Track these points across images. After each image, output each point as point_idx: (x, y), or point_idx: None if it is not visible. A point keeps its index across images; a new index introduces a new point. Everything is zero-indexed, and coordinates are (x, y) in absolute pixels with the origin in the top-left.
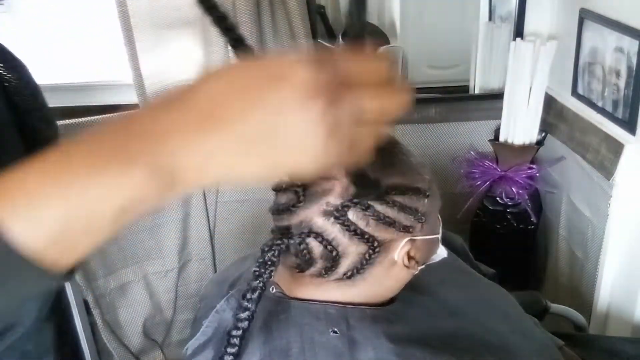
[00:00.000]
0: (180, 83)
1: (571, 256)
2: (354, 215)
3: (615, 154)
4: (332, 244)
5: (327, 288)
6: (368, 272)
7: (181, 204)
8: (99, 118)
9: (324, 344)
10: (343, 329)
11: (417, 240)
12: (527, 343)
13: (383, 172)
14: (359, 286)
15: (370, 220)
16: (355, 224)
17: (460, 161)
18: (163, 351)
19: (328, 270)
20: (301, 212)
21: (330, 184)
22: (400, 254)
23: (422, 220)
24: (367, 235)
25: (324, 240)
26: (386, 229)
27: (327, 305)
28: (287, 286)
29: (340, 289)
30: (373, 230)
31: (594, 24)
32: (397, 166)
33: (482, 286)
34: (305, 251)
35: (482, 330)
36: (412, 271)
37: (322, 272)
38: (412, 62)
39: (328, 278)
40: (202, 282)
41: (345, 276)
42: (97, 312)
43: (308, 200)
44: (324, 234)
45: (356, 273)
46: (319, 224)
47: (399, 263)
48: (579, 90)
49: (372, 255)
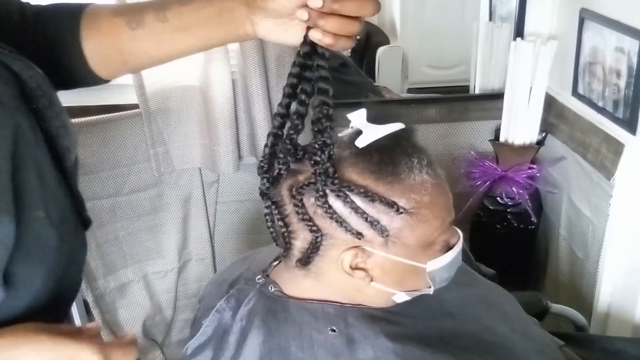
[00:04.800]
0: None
1: (571, 256)
2: (307, 199)
3: (616, 154)
4: (285, 220)
5: (318, 284)
6: (320, 263)
7: (181, 204)
8: (99, 118)
9: (323, 343)
10: (341, 327)
11: (375, 254)
12: (527, 342)
13: (360, 168)
14: (325, 281)
15: (318, 209)
16: (305, 207)
17: (461, 161)
18: (163, 351)
19: (286, 251)
20: (282, 183)
21: (308, 165)
22: (342, 257)
23: (383, 234)
24: (311, 223)
25: (280, 214)
26: (332, 224)
27: (325, 304)
28: (286, 284)
29: (312, 283)
30: (319, 220)
31: (594, 24)
32: (383, 171)
33: (481, 286)
34: (267, 217)
35: (482, 329)
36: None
37: (283, 251)
38: (412, 62)
39: (290, 263)
40: (202, 282)
41: (299, 261)
42: (97, 312)
43: (289, 174)
44: (281, 208)
45: (307, 259)
46: (283, 198)
47: (344, 267)
48: (579, 90)
49: (316, 245)
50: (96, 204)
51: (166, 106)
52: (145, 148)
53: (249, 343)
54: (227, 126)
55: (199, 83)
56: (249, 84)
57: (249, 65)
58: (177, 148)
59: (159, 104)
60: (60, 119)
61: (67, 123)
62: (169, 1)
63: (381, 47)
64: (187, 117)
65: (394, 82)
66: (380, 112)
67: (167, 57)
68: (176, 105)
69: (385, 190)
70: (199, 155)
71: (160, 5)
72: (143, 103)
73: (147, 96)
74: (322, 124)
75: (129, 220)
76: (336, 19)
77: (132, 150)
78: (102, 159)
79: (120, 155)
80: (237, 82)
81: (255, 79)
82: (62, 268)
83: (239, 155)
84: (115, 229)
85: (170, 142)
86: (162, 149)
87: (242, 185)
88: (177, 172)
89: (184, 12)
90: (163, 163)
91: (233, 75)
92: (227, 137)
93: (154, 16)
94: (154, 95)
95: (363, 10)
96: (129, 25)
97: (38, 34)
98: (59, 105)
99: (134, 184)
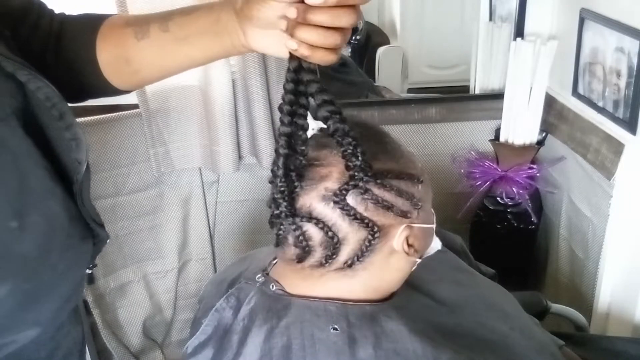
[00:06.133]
0: (180, 84)
1: (572, 256)
2: (352, 199)
3: (616, 154)
4: (332, 229)
5: (327, 280)
6: (368, 260)
7: (181, 204)
8: (99, 118)
9: (324, 341)
10: (343, 326)
11: (415, 227)
12: (527, 341)
13: (377, 158)
14: (360, 276)
15: (369, 203)
16: (354, 208)
17: (461, 161)
18: (163, 351)
19: (328, 259)
20: (299, 199)
21: (327, 169)
22: (400, 241)
23: (418, 207)
24: (366, 219)
25: (325, 226)
26: (384, 213)
27: (327, 303)
28: (288, 282)
29: (341, 281)
30: (372, 214)
31: (594, 24)
32: (390, 153)
33: (481, 285)
34: (302, 238)
35: (481, 327)
36: (412, 260)
37: (322, 261)
38: (412, 62)
39: (329, 268)
40: (202, 282)
41: (346, 264)
42: (97, 312)
43: (306, 186)
44: (324, 220)
45: (357, 261)
46: (318, 209)
47: (399, 250)
48: (579, 90)
49: (372, 242)
50: (96, 204)
51: (166, 106)
52: (145, 148)
53: (250, 342)
54: (227, 126)
55: (198, 83)
56: (249, 84)
57: (249, 65)
58: (177, 148)
59: (159, 104)
60: (71, 131)
61: (79, 136)
62: (173, 12)
63: (381, 47)
64: (187, 117)
65: (394, 82)
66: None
67: (172, 69)
68: (176, 105)
69: (401, 166)
70: (199, 155)
71: (165, 16)
72: (143, 103)
73: (147, 96)
74: (341, 133)
75: (129, 220)
76: (311, 29)
77: (132, 150)
78: (102, 159)
79: (120, 155)
80: (237, 82)
81: (255, 79)
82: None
83: (239, 155)
84: (115, 229)
85: (170, 142)
86: (162, 149)
87: (242, 185)
88: (177, 172)
89: (184, 22)
90: (163, 163)
91: (233, 75)
92: (227, 137)
93: (158, 26)
94: (154, 95)
95: (339, 21)
96: (136, 36)
97: (62, 45)
98: (70, 118)
99: (134, 184)
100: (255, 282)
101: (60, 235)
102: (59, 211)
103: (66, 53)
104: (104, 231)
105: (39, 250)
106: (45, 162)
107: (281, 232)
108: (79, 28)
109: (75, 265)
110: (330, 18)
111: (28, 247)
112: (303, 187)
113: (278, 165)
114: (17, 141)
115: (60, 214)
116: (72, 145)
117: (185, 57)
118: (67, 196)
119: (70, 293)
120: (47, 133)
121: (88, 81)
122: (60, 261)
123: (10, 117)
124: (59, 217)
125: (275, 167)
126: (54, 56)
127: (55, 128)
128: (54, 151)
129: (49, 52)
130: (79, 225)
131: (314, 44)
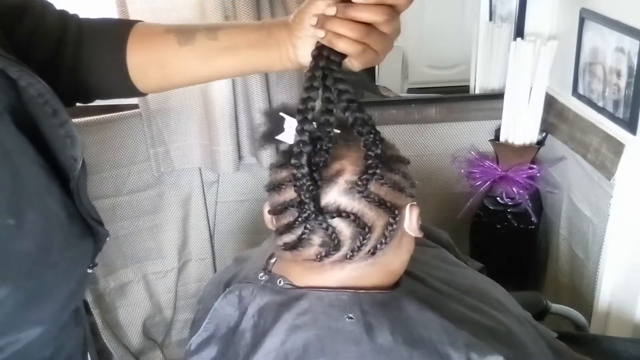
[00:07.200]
0: None
1: (572, 256)
2: (374, 187)
3: (616, 154)
4: (363, 219)
5: (338, 270)
6: (389, 244)
7: (181, 204)
8: (99, 118)
9: (341, 330)
10: (358, 314)
11: (414, 205)
12: (523, 330)
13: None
14: (380, 263)
15: (387, 188)
16: (377, 194)
17: (461, 161)
18: (163, 351)
19: (355, 251)
20: (322, 198)
21: (339, 163)
22: (413, 220)
23: (415, 186)
24: (388, 203)
25: (356, 218)
26: (400, 196)
27: (339, 292)
28: (294, 276)
29: (357, 269)
30: (391, 198)
31: (594, 24)
32: (384, 139)
33: (471, 277)
34: (334, 235)
35: (481, 315)
36: (413, 239)
37: (347, 254)
38: (412, 62)
39: (354, 259)
40: (202, 282)
41: (370, 252)
42: (97, 312)
43: (324, 184)
44: (353, 212)
45: (379, 247)
46: (344, 203)
47: (412, 227)
48: (579, 90)
49: (394, 225)
50: (96, 204)
51: (166, 106)
52: (145, 148)
53: (265, 339)
54: (227, 126)
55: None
56: (249, 84)
57: None
58: (177, 148)
59: (159, 104)
60: (65, 128)
61: (73, 133)
62: (222, 23)
63: None
64: (187, 117)
65: (394, 82)
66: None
67: (209, 76)
68: (176, 105)
69: (396, 150)
70: (199, 155)
71: (213, 26)
72: (143, 103)
73: (147, 96)
74: (361, 123)
75: (129, 220)
76: (339, 20)
77: (132, 150)
78: (102, 159)
79: (120, 155)
80: (237, 82)
81: (255, 79)
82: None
83: (239, 155)
84: (115, 229)
85: (170, 142)
86: (162, 149)
87: (242, 185)
88: (177, 172)
89: (234, 33)
90: (163, 163)
91: None
92: (227, 137)
93: (205, 34)
94: (154, 95)
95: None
96: (179, 42)
97: (83, 47)
98: (64, 115)
99: (134, 184)
100: (259, 280)
101: (59, 234)
102: (57, 209)
103: (88, 55)
104: (103, 228)
105: (38, 249)
106: (40, 160)
107: (306, 234)
108: (104, 32)
109: (76, 264)
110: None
111: (27, 246)
112: (321, 186)
113: (301, 164)
114: (10, 138)
115: (58, 212)
116: (67, 143)
117: (226, 66)
118: (64, 194)
119: (72, 292)
120: (42, 130)
121: (110, 82)
122: (60, 260)
123: (2, 113)
124: (57, 214)
125: (295, 170)
126: (73, 58)
127: (49, 125)
128: (49, 148)
129: (65, 53)
130: (77, 223)
131: (342, 33)
